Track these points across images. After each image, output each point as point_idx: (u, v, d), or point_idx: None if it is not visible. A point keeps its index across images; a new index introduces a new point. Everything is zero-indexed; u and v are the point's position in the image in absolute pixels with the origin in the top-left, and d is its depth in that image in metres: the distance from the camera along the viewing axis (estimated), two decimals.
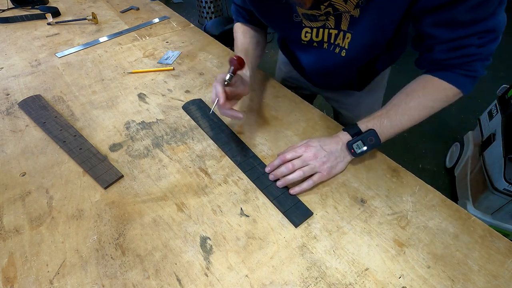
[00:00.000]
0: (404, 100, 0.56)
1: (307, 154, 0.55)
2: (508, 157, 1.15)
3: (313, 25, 0.59)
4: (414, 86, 0.56)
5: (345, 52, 0.59)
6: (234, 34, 0.75)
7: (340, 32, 0.57)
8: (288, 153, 0.56)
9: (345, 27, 0.55)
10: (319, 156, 0.55)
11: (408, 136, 1.89)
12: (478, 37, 0.47)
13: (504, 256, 0.46)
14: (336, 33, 0.58)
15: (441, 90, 0.54)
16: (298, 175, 0.53)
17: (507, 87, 1.38)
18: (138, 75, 0.84)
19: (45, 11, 1.13)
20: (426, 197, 0.54)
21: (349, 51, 0.59)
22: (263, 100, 0.76)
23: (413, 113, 0.55)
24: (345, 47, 0.59)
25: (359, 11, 0.51)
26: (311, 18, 0.57)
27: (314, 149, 0.56)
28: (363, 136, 0.55)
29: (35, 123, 0.67)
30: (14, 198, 0.53)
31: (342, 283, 0.43)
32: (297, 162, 0.54)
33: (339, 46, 0.60)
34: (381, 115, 0.56)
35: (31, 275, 0.43)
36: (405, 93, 0.56)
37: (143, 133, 0.66)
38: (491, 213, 1.26)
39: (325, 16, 0.55)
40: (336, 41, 0.59)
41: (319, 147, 0.56)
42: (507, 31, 0.52)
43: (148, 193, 0.54)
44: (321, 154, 0.55)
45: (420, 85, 0.56)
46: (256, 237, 0.48)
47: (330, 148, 0.56)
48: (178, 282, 0.43)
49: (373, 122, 0.56)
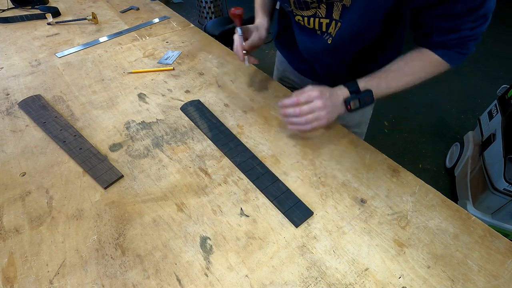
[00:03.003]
0: (403, 67, 0.61)
1: (319, 103, 0.57)
2: (508, 157, 1.15)
3: (304, 13, 0.61)
4: (413, 57, 0.61)
5: (331, 40, 0.62)
6: None
7: (332, 21, 0.59)
8: (301, 97, 0.59)
9: (336, 16, 0.57)
10: (327, 107, 0.58)
11: (408, 136, 1.89)
12: (472, 22, 0.52)
13: (504, 256, 0.46)
14: (327, 22, 0.60)
15: (435, 64, 0.59)
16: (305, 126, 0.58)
17: (507, 87, 1.38)
18: (138, 75, 0.84)
19: (45, 11, 1.13)
20: (426, 197, 0.54)
21: (335, 39, 0.61)
22: (263, 100, 0.76)
23: (407, 80, 0.61)
24: (332, 35, 0.61)
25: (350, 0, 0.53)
26: (302, 7, 0.59)
27: (324, 98, 0.58)
28: (361, 95, 0.59)
29: (35, 123, 0.67)
30: (14, 198, 0.53)
31: (342, 283, 0.43)
32: (305, 108, 0.57)
33: (329, 35, 0.62)
34: (380, 77, 0.60)
35: (31, 275, 0.43)
36: (404, 61, 0.61)
37: (143, 133, 0.66)
38: (491, 213, 1.26)
39: (317, 3, 0.57)
40: (329, 30, 0.61)
41: (328, 97, 0.59)
42: (507, 31, 0.53)
43: (148, 193, 0.54)
44: (328, 106, 0.58)
45: (418, 57, 0.61)
46: (256, 237, 0.48)
47: (334, 101, 0.59)
48: (178, 282, 0.43)
49: (371, 83, 0.60)
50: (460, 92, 2.20)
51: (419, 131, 1.91)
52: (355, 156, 0.61)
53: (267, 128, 0.68)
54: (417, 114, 2.03)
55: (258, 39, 0.69)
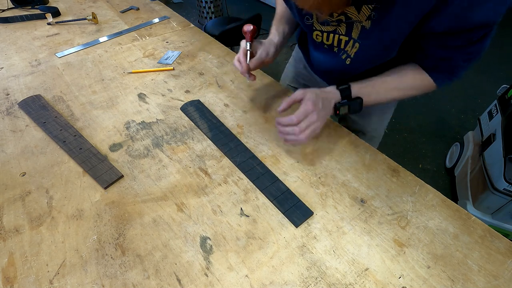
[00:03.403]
0: (396, 81, 0.61)
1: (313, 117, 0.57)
2: (508, 157, 1.15)
3: (324, 29, 0.60)
4: (407, 72, 0.61)
5: (350, 61, 0.62)
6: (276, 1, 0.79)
7: (350, 39, 0.59)
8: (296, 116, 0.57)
9: (355, 35, 0.57)
10: (321, 117, 0.58)
11: (408, 136, 1.89)
12: (465, 54, 0.53)
13: (504, 256, 0.46)
14: (346, 39, 0.60)
15: (425, 83, 0.60)
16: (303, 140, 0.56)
17: (507, 87, 1.38)
18: (138, 75, 0.84)
19: (45, 11, 1.13)
20: (426, 197, 0.54)
21: (353, 60, 0.62)
22: (263, 100, 0.76)
23: (395, 94, 0.61)
24: (351, 55, 0.61)
25: (370, 23, 0.53)
26: (323, 22, 0.59)
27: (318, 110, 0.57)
28: (352, 103, 0.59)
29: (35, 123, 0.67)
30: (14, 198, 0.53)
31: (342, 283, 0.43)
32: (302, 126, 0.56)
33: (346, 53, 0.62)
34: (373, 86, 0.60)
35: (31, 275, 0.43)
36: (398, 75, 0.61)
37: (143, 133, 0.66)
38: (491, 213, 1.26)
39: (336, 22, 0.57)
40: (346, 47, 0.61)
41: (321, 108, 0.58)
42: (506, 32, 0.53)
43: (148, 193, 0.54)
44: (322, 115, 0.58)
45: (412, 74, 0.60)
46: (256, 237, 0.48)
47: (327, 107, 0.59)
48: (178, 282, 0.43)
49: (364, 90, 0.60)
50: (460, 92, 2.20)
51: (419, 131, 1.91)
52: (355, 156, 0.61)
53: (267, 128, 0.68)
54: (417, 114, 2.02)
55: (266, 55, 0.65)
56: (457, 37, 0.50)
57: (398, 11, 0.49)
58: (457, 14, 0.46)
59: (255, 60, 0.64)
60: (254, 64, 0.64)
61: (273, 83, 0.82)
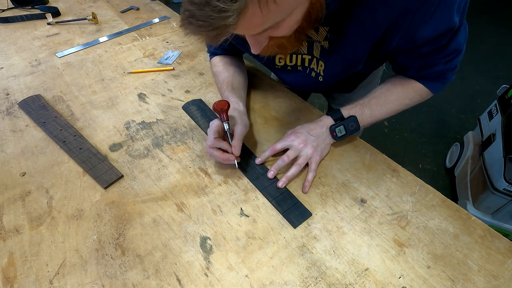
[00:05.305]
0: (385, 94, 0.60)
1: (297, 142, 0.56)
2: (508, 157, 1.15)
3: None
4: (395, 82, 0.61)
5: (322, 78, 0.63)
6: (212, 69, 0.75)
7: (313, 58, 0.60)
8: (278, 144, 0.58)
9: (317, 54, 0.58)
10: (309, 141, 0.57)
11: (408, 136, 1.89)
12: (444, 57, 0.53)
13: (504, 256, 0.46)
14: (309, 58, 0.61)
15: (417, 91, 0.60)
16: (296, 170, 0.55)
17: (507, 87, 1.38)
18: (138, 75, 0.84)
19: (45, 11, 1.13)
20: (426, 197, 0.54)
21: (325, 77, 0.62)
22: (263, 100, 0.76)
23: (391, 107, 0.60)
24: (321, 74, 0.62)
25: (328, 43, 0.54)
26: None
27: (302, 136, 0.57)
28: (346, 122, 0.58)
29: (35, 123, 0.67)
30: (14, 198, 0.53)
31: (342, 283, 0.43)
32: (291, 153, 0.56)
33: (314, 71, 0.63)
34: (363, 104, 0.60)
35: (31, 275, 0.43)
36: (385, 88, 0.61)
37: (143, 133, 0.66)
38: (491, 213, 1.26)
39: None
40: (311, 65, 0.62)
41: (306, 133, 0.58)
42: (506, 32, 0.53)
43: (148, 193, 0.54)
44: (310, 139, 0.57)
45: (400, 83, 0.60)
46: (256, 237, 0.48)
47: (316, 133, 0.58)
48: (178, 282, 0.43)
49: (355, 110, 0.59)
50: (460, 92, 2.20)
51: (419, 131, 1.91)
52: (355, 156, 0.61)
53: (267, 128, 0.68)
54: (417, 114, 2.02)
55: (246, 130, 0.58)
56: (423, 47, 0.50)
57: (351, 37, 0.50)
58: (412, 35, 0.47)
59: (239, 140, 0.54)
60: (239, 145, 0.54)
61: (274, 84, 0.82)
